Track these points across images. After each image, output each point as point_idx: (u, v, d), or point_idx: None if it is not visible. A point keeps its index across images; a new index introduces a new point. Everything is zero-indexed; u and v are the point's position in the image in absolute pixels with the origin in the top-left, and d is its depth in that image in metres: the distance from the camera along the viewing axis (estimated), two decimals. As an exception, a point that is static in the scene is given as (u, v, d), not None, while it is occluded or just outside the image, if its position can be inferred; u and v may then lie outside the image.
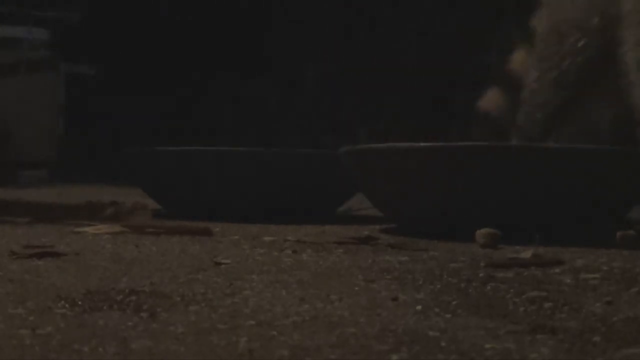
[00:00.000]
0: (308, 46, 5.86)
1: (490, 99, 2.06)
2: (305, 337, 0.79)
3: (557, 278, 1.15)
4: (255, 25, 6.09)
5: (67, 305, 0.93)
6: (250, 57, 6.02)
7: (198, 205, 2.31)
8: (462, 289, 1.06)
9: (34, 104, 5.41)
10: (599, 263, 1.30)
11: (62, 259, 1.33)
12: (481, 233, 1.56)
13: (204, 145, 2.48)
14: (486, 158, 1.70)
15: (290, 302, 0.97)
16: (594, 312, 0.91)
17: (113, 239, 1.64)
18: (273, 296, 1.00)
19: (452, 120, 4.86)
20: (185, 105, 6.08)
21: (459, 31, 5.30)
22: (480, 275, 1.18)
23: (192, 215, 2.19)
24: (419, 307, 0.93)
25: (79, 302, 0.95)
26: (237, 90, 6.04)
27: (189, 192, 2.33)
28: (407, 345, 0.75)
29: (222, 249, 1.49)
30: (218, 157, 2.31)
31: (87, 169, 5.21)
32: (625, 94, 1.46)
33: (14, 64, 5.51)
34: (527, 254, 1.37)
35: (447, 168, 1.71)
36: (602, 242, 1.57)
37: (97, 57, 6.06)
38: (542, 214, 1.68)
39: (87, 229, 1.79)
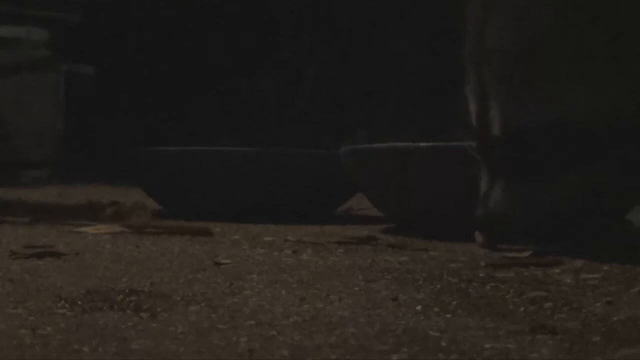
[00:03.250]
0: (308, 46, 5.85)
1: None
2: (305, 337, 0.79)
3: (557, 278, 1.15)
4: (255, 25, 6.09)
5: (67, 305, 0.93)
6: (250, 57, 6.02)
7: (198, 205, 2.31)
8: (462, 289, 1.06)
9: (34, 104, 5.41)
10: (599, 263, 1.30)
11: (62, 259, 1.33)
12: (481, 233, 1.56)
13: (204, 145, 2.48)
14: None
15: (290, 302, 0.97)
16: (594, 312, 0.91)
17: (113, 239, 1.64)
18: (273, 296, 1.00)
19: (453, 120, 4.86)
20: (185, 105, 6.08)
21: (460, 31, 5.30)
22: (480, 275, 1.18)
23: (192, 215, 2.19)
24: (419, 307, 0.93)
25: (79, 302, 0.95)
26: (237, 90, 6.04)
27: (189, 192, 2.33)
28: (407, 345, 0.75)
29: (222, 249, 1.49)
30: (218, 157, 2.31)
31: (87, 169, 5.21)
32: None
33: (14, 64, 5.52)
34: (527, 254, 1.37)
35: (447, 168, 1.71)
36: (602, 242, 1.57)
37: (97, 57, 6.06)
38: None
39: (87, 229, 1.79)
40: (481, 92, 1.46)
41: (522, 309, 0.93)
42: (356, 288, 1.07)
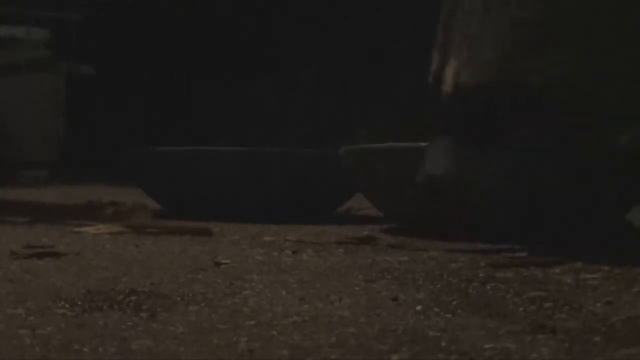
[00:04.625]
0: (308, 46, 5.86)
1: None
2: (305, 337, 0.79)
3: (557, 278, 1.15)
4: (256, 25, 6.09)
5: (67, 305, 0.93)
6: (251, 57, 6.02)
7: (198, 205, 2.31)
8: (462, 289, 1.06)
9: (34, 104, 5.41)
10: (599, 263, 1.30)
11: (62, 259, 1.33)
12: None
13: (204, 145, 2.49)
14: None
15: (290, 302, 0.97)
16: (594, 312, 0.91)
17: (113, 239, 1.64)
18: (273, 296, 1.00)
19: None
20: (185, 105, 6.08)
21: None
22: (480, 275, 1.18)
23: (192, 215, 2.19)
24: (419, 307, 0.93)
25: (79, 302, 0.95)
26: (237, 90, 6.04)
27: (189, 192, 2.33)
28: (407, 345, 0.75)
29: (222, 249, 1.49)
30: (218, 157, 2.31)
31: (87, 169, 5.21)
32: None
33: (14, 64, 5.52)
34: (524, 253, 1.37)
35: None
36: (602, 242, 1.56)
37: (97, 57, 6.06)
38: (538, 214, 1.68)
39: (87, 229, 1.79)
40: (443, 50, 1.45)
41: (522, 309, 0.93)
42: (356, 288, 1.07)
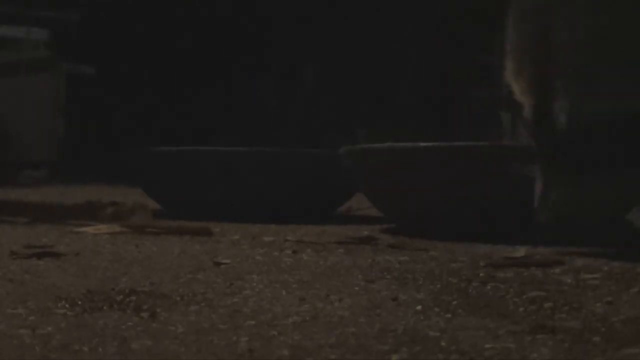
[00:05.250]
0: (308, 46, 5.86)
1: None
2: (305, 337, 0.79)
3: (557, 278, 1.15)
4: (255, 25, 6.09)
5: (67, 305, 0.93)
6: (250, 57, 6.02)
7: (198, 205, 2.31)
8: (462, 289, 1.06)
9: (34, 104, 5.41)
10: (599, 263, 1.30)
11: (62, 259, 1.33)
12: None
13: (204, 145, 2.49)
14: (484, 158, 1.70)
15: (290, 302, 0.97)
16: (594, 312, 0.91)
17: (113, 239, 1.64)
18: (273, 296, 1.00)
19: (452, 119, 4.86)
20: (185, 105, 6.08)
21: (460, 31, 5.30)
22: (480, 275, 1.18)
23: (192, 215, 2.19)
24: (419, 307, 0.93)
25: (79, 302, 0.95)
26: (237, 90, 6.04)
27: (189, 192, 2.33)
28: (407, 345, 0.75)
29: (222, 249, 1.49)
30: (218, 157, 2.31)
31: (87, 169, 5.21)
32: None
33: (14, 64, 5.52)
34: (521, 252, 1.37)
35: (447, 168, 1.71)
36: (601, 242, 1.56)
37: (97, 57, 6.06)
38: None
39: (87, 229, 1.79)
40: (543, 87, 1.40)
41: (522, 309, 0.93)
42: (356, 288, 1.07)
